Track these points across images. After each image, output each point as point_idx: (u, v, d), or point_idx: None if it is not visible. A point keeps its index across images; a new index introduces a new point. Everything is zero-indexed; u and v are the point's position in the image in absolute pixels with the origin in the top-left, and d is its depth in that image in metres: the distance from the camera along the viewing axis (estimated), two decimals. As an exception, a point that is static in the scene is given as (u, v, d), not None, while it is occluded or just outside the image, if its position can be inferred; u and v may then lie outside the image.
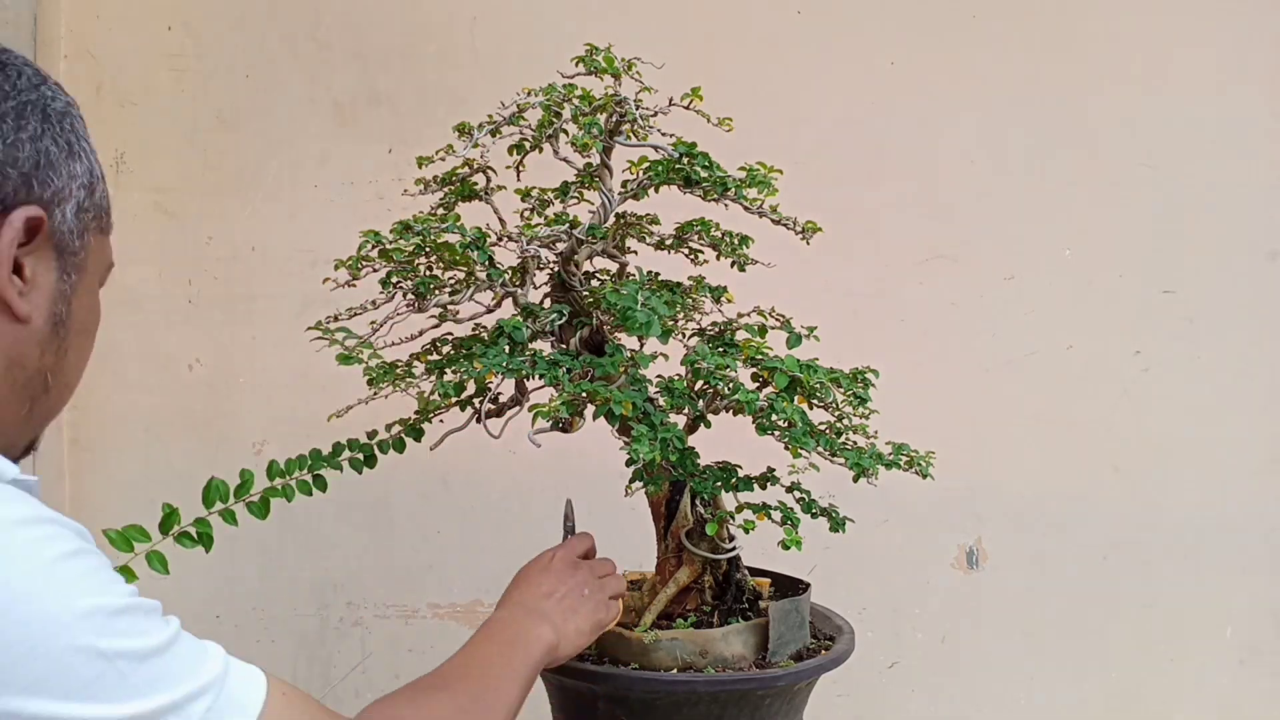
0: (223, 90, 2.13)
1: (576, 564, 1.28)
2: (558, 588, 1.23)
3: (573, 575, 1.25)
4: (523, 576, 1.26)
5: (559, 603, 1.22)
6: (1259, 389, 2.11)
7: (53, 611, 0.69)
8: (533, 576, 1.25)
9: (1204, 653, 2.13)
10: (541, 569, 1.26)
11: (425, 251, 1.28)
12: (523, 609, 1.20)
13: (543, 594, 1.22)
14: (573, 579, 1.25)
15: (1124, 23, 2.09)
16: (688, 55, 1.67)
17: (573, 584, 1.24)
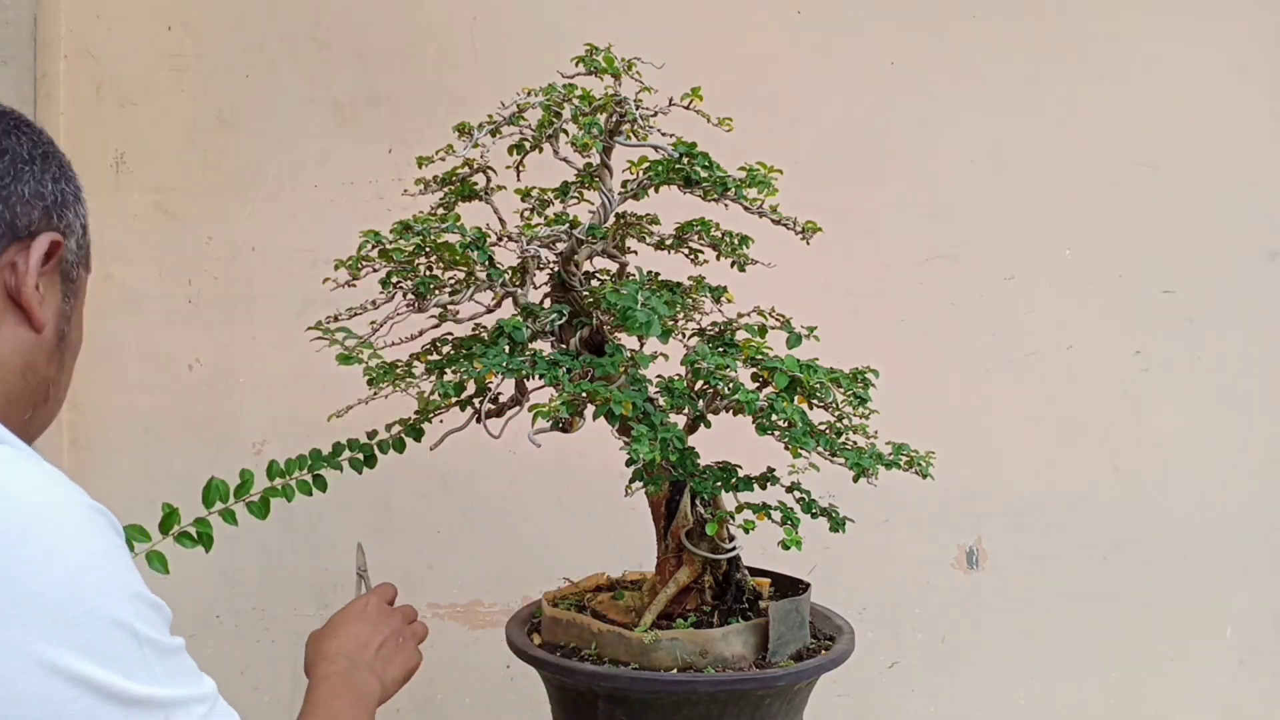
0: (223, 90, 2.13)
1: (389, 612, 1.30)
2: (374, 638, 1.24)
3: (387, 624, 1.27)
4: (340, 626, 1.25)
5: (377, 653, 1.23)
6: (1259, 389, 2.11)
7: (112, 585, 0.77)
8: (350, 626, 1.25)
9: (1204, 653, 2.13)
10: (357, 617, 1.26)
11: (425, 251, 1.28)
12: (348, 661, 1.20)
13: (362, 645, 1.23)
14: (387, 627, 1.26)
15: (1124, 23, 2.09)
16: (688, 55, 1.67)
17: (388, 633, 1.26)
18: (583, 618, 1.37)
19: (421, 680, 2.14)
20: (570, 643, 1.37)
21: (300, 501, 1.27)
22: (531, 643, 1.39)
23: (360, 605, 1.28)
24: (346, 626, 1.25)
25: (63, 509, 0.77)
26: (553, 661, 1.32)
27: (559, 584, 1.50)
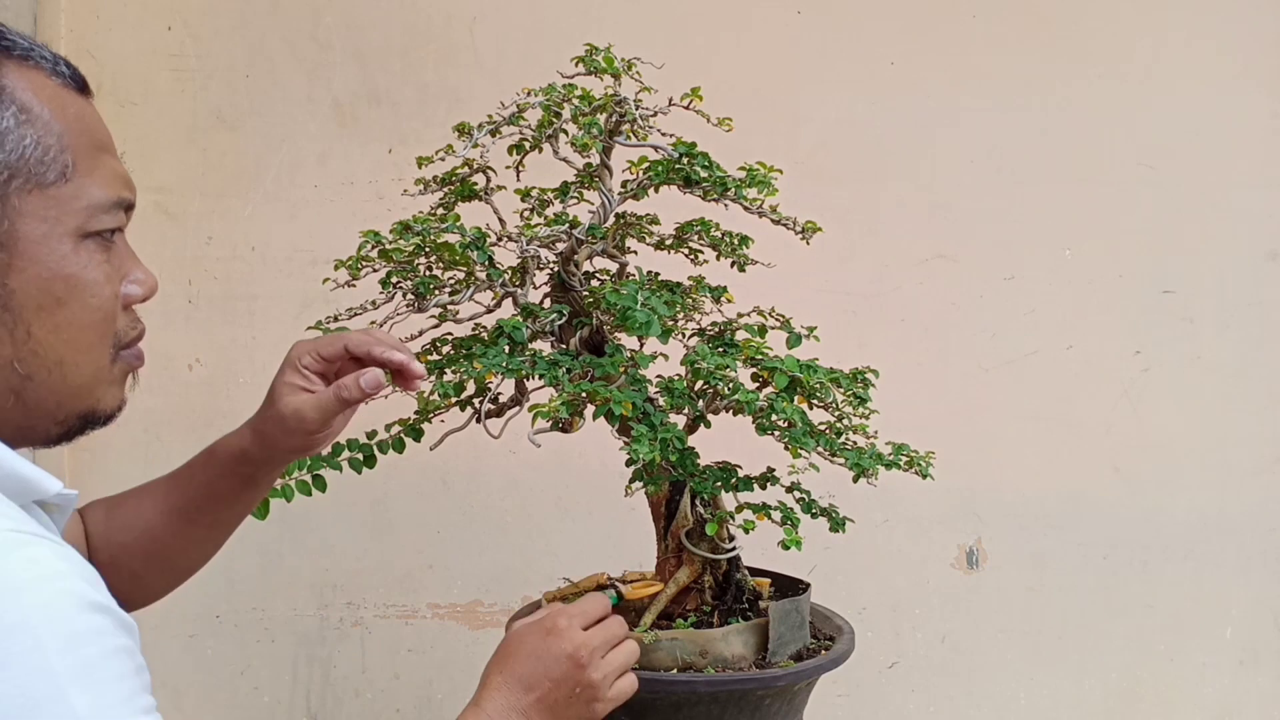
0: (223, 90, 2.13)
1: (574, 655, 1.04)
2: (543, 682, 1.01)
3: (566, 666, 1.03)
4: (519, 649, 1.03)
5: (538, 704, 1.01)
6: (1259, 389, 2.11)
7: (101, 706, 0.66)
8: (526, 659, 1.02)
9: (1204, 653, 2.13)
10: (531, 655, 1.03)
11: (425, 251, 1.28)
12: (500, 709, 1.00)
13: (525, 688, 1.01)
14: (564, 669, 1.03)
15: (1124, 22, 2.09)
16: (688, 55, 1.67)
17: (563, 682, 1.02)
18: (583, 618, 1.37)
19: (421, 680, 2.16)
20: (570, 643, 1.37)
21: (300, 501, 1.27)
22: (531, 643, 1.39)
23: (549, 624, 1.04)
24: (517, 659, 1.02)
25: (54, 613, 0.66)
26: (553, 661, 1.31)
27: (559, 584, 1.50)
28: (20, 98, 0.76)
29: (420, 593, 2.14)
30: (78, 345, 0.79)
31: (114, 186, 0.81)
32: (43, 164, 0.76)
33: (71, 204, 0.77)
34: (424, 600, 2.14)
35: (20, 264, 0.75)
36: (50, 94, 0.79)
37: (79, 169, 0.78)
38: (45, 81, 0.79)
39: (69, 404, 0.79)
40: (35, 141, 0.76)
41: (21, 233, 0.75)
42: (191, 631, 2.11)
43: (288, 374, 1.07)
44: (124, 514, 1.11)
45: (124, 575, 1.07)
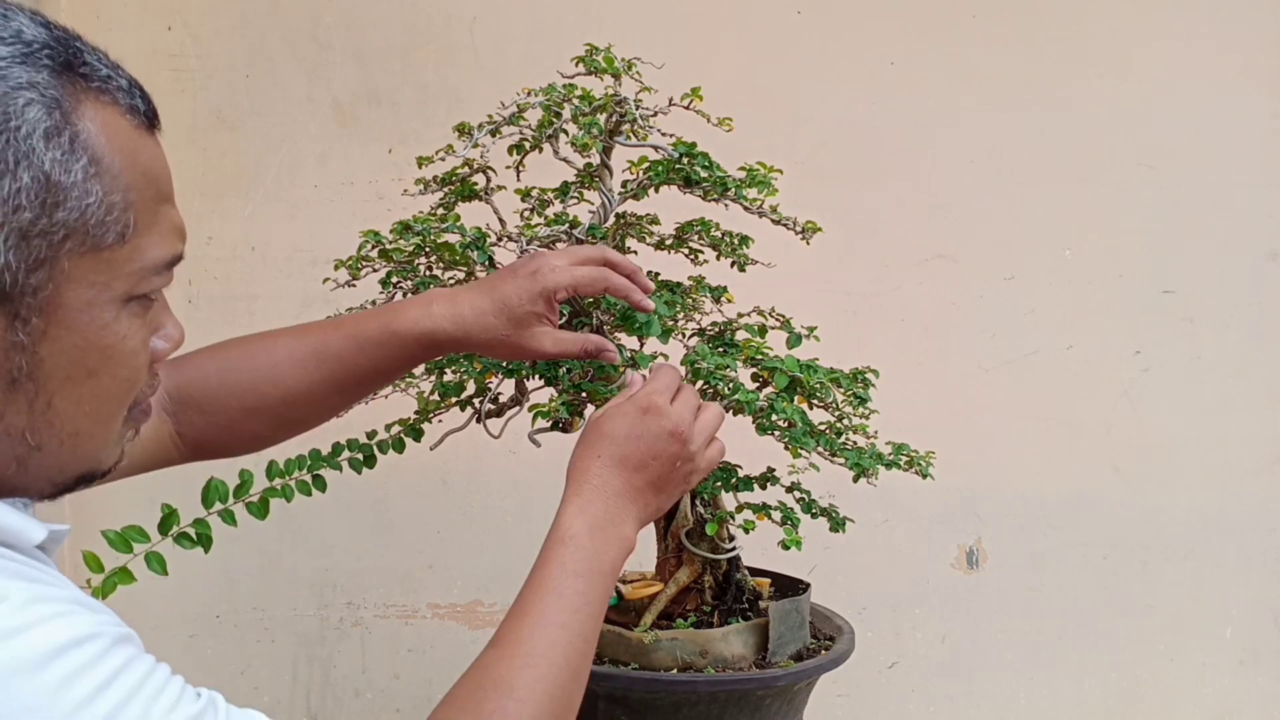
0: (223, 90, 2.13)
1: (675, 430, 0.97)
2: (649, 461, 0.96)
3: (669, 443, 0.96)
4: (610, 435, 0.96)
5: (650, 485, 0.96)
6: (1259, 389, 2.11)
7: None
8: (621, 444, 0.96)
9: (1204, 653, 2.13)
10: (630, 435, 0.96)
11: (425, 251, 1.28)
12: (605, 503, 0.94)
13: (634, 468, 0.95)
14: (669, 447, 0.96)
15: (1124, 22, 2.09)
16: (688, 55, 1.67)
17: (668, 454, 0.96)
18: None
19: (421, 680, 2.16)
20: (570, 643, 1.37)
21: (300, 501, 1.27)
22: (531, 643, 1.39)
23: (644, 404, 0.97)
24: (617, 441, 0.95)
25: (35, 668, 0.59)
26: (553, 661, 1.31)
27: (559, 584, 1.49)
28: (94, 147, 0.66)
29: (420, 593, 2.14)
30: (97, 417, 0.71)
31: (170, 243, 0.72)
32: (103, 225, 0.66)
33: (124, 267, 0.68)
34: (424, 600, 2.14)
35: (56, 332, 0.66)
36: (123, 140, 0.69)
37: (139, 228, 0.69)
38: (120, 123, 0.70)
39: (71, 469, 0.72)
40: (100, 200, 0.66)
41: (65, 299, 0.66)
42: (191, 631, 2.11)
43: (539, 304, 1.04)
44: (247, 373, 1.07)
45: (222, 423, 1.06)
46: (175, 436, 1.06)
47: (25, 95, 0.64)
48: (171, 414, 1.06)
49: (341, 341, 1.06)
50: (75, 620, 0.62)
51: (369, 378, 1.08)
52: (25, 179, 0.63)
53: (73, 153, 0.65)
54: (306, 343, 1.07)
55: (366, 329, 1.06)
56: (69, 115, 0.65)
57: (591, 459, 0.96)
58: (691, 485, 1.01)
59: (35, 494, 0.73)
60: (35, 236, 0.64)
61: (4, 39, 0.65)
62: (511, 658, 0.84)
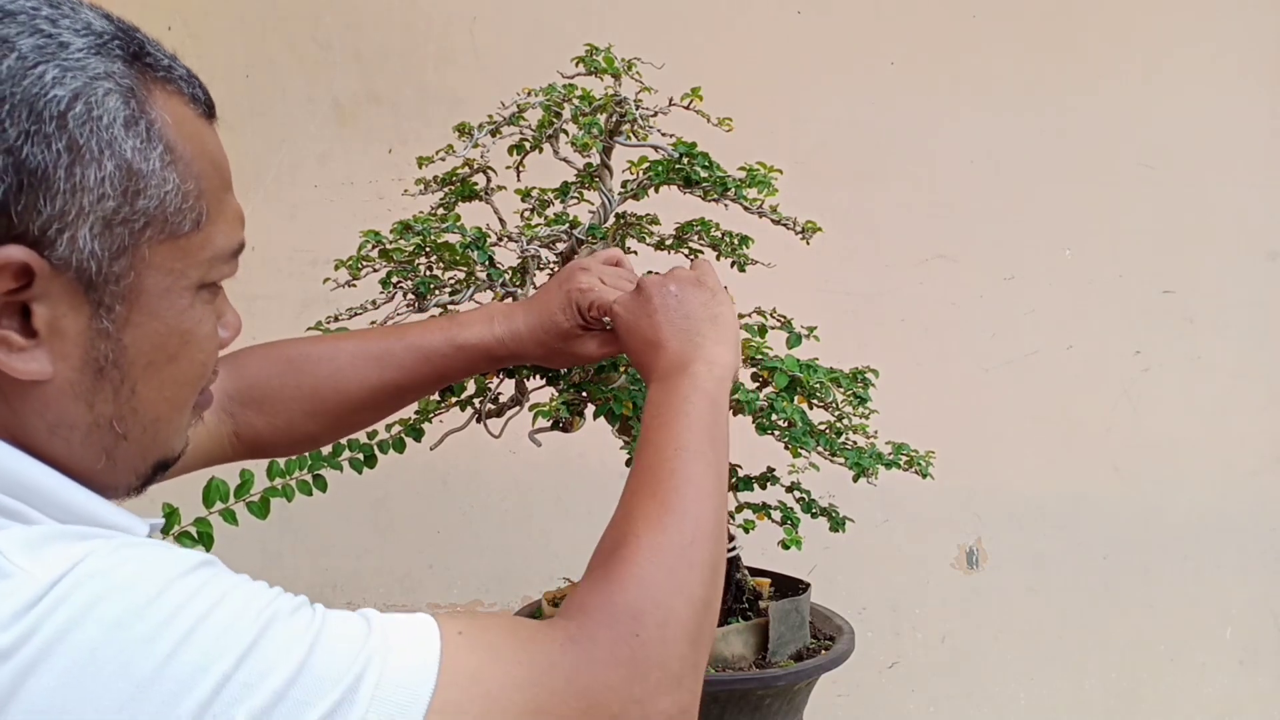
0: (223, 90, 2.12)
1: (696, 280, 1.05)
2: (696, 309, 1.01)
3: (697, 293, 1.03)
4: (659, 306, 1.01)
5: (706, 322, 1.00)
6: (1259, 389, 2.11)
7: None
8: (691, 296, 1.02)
9: (1204, 653, 2.13)
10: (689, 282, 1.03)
11: (425, 251, 1.28)
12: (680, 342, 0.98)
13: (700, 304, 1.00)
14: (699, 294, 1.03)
15: (1124, 22, 2.09)
16: (688, 55, 1.67)
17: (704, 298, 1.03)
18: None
19: (421, 680, 2.15)
20: (570, 643, 1.37)
21: (300, 501, 1.27)
22: (531, 643, 1.39)
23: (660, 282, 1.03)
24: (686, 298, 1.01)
25: None
26: (553, 661, 1.31)
27: (559, 584, 1.50)
28: (167, 135, 0.68)
29: (420, 593, 2.14)
30: (175, 402, 0.72)
31: (235, 231, 0.74)
32: (180, 213, 0.68)
33: (198, 255, 0.70)
34: (424, 600, 2.14)
35: (139, 319, 0.67)
36: (191, 129, 0.71)
37: (210, 216, 0.70)
38: (186, 112, 0.72)
39: (151, 457, 0.73)
40: (177, 187, 0.68)
41: (146, 286, 0.67)
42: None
43: (577, 317, 1.09)
44: (310, 376, 1.10)
45: (281, 424, 1.09)
46: (233, 436, 1.08)
47: (104, 85, 0.65)
48: (231, 414, 1.08)
49: (404, 350, 1.11)
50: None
51: (428, 386, 1.14)
52: (109, 167, 0.64)
53: (149, 141, 0.66)
54: (370, 349, 1.11)
55: (431, 340, 1.11)
56: (144, 104, 0.67)
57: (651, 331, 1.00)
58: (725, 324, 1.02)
59: (123, 488, 0.74)
60: (118, 225, 0.65)
61: (77, 30, 0.66)
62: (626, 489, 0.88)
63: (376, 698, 0.62)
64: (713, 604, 0.83)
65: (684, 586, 0.79)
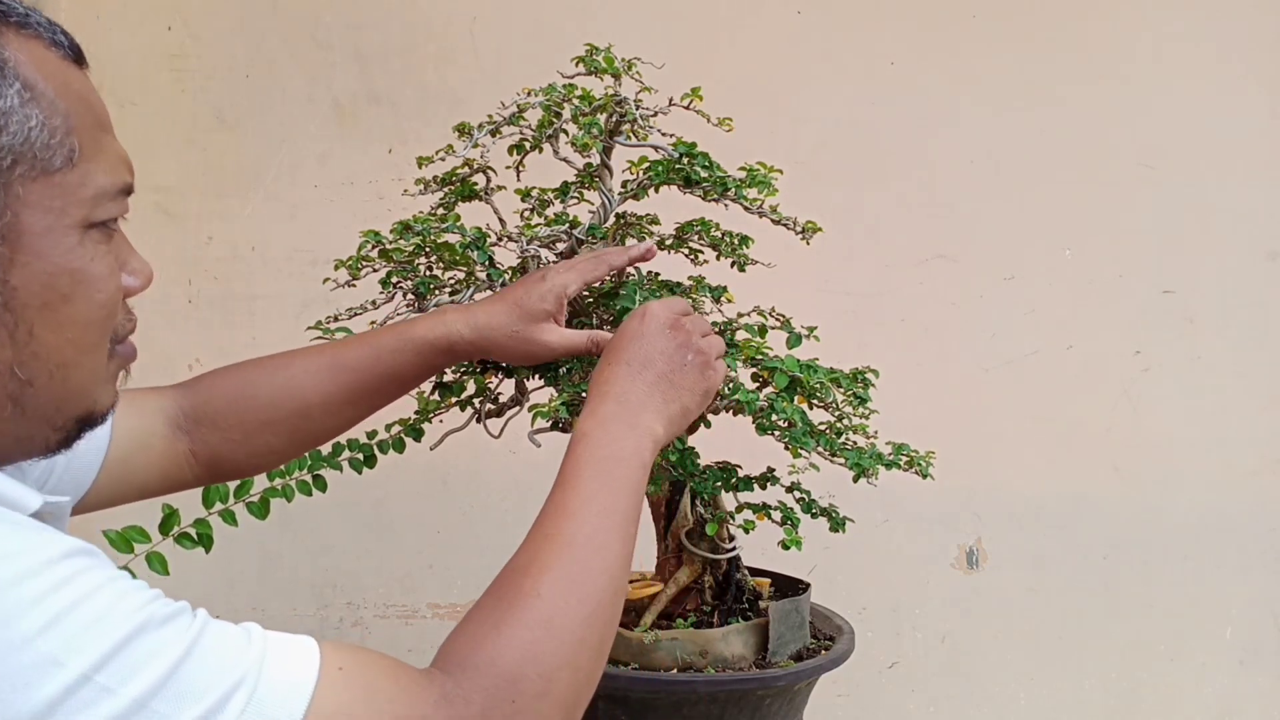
0: (223, 90, 2.13)
1: (674, 322, 1.01)
2: (655, 358, 0.98)
3: (671, 337, 0.99)
4: (615, 350, 0.99)
5: (660, 381, 0.97)
6: (1259, 389, 2.11)
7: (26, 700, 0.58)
8: (626, 348, 0.98)
9: (1204, 653, 2.13)
10: (633, 337, 0.99)
11: (425, 251, 1.28)
12: (617, 403, 0.94)
13: (639, 367, 0.96)
14: (670, 341, 0.99)
15: (1124, 22, 2.09)
16: (688, 55, 1.67)
17: (671, 348, 0.99)
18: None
19: (421, 680, 2.16)
20: (570, 643, 1.37)
21: (300, 501, 1.27)
22: (531, 643, 1.39)
23: (639, 314, 1.01)
24: (621, 348, 0.98)
25: None
26: (553, 661, 1.31)
27: (559, 584, 1.50)
28: (24, 73, 0.68)
29: (420, 593, 2.14)
30: (81, 345, 0.72)
31: (118, 171, 0.74)
32: (49, 148, 0.68)
33: (78, 192, 0.70)
34: (424, 600, 2.14)
35: (24, 258, 0.67)
36: (53, 68, 0.70)
37: (84, 153, 0.70)
38: (46, 54, 0.71)
39: (68, 408, 0.73)
40: (41, 123, 0.68)
41: (25, 224, 0.67)
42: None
43: (549, 300, 1.11)
44: (264, 386, 1.09)
45: (237, 438, 1.08)
46: (189, 455, 1.08)
47: None
48: (186, 431, 1.07)
49: (357, 352, 1.10)
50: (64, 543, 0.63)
51: (384, 386, 1.12)
52: None
53: (4, 79, 0.67)
54: (323, 355, 1.11)
55: (382, 339, 1.11)
56: None
57: (601, 369, 0.98)
58: (710, 382, 1.01)
59: (39, 440, 0.73)
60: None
61: None
62: (531, 542, 0.84)
63: (245, 716, 0.63)
64: (594, 678, 0.82)
65: (572, 660, 0.78)
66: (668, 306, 1.03)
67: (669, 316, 1.01)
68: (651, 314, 1.01)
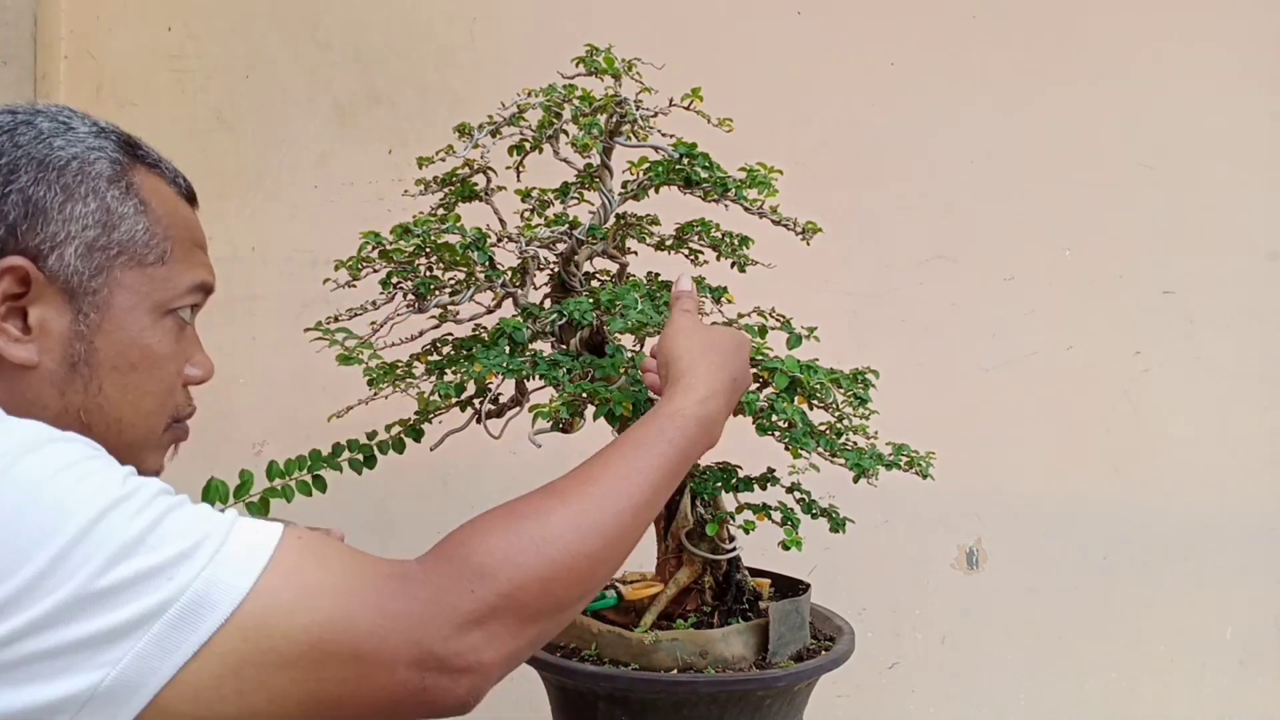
0: (223, 90, 2.13)
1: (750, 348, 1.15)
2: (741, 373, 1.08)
3: (745, 347, 1.12)
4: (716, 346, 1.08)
5: (734, 380, 1.07)
6: (1259, 389, 2.11)
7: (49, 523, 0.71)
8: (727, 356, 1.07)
9: (1204, 653, 2.13)
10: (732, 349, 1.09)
11: (425, 252, 1.28)
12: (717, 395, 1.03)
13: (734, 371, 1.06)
14: (745, 367, 1.10)
15: (1124, 23, 2.09)
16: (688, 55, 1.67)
17: (743, 374, 1.10)
18: (583, 618, 1.37)
19: (421, 680, 2.15)
20: (570, 643, 1.37)
21: (300, 501, 1.27)
22: (532, 643, 1.39)
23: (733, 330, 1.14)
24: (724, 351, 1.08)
25: None
26: (553, 662, 1.32)
27: (559, 584, 1.50)
28: (142, 195, 0.89)
29: (420, 593, 2.14)
30: (138, 408, 0.89)
31: (198, 272, 0.94)
32: (147, 247, 0.88)
33: (161, 284, 0.89)
34: (424, 600, 2.14)
35: (108, 327, 0.86)
36: (165, 197, 0.92)
37: (174, 256, 0.90)
38: (164, 188, 0.93)
39: (118, 458, 0.81)
40: (146, 229, 0.88)
41: (115, 301, 0.86)
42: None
43: None
44: None
45: None
46: None
47: (96, 154, 0.88)
48: None
49: None
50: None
51: None
52: (93, 206, 0.86)
53: (127, 194, 0.88)
54: None
55: None
56: (126, 170, 0.89)
57: (700, 355, 1.06)
58: (730, 409, 1.08)
59: None
60: (97, 250, 0.86)
61: (85, 122, 0.90)
62: (574, 477, 0.92)
63: (214, 561, 0.73)
64: (566, 608, 0.87)
65: (551, 581, 0.84)
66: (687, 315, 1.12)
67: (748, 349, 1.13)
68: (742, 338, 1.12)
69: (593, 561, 0.87)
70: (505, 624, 0.82)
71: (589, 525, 0.87)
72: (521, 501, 0.89)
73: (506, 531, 0.85)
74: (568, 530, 0.86)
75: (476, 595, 0.80)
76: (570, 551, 0.85)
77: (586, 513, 0.88)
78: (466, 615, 0.80)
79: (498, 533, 0.85)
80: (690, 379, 1.03)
